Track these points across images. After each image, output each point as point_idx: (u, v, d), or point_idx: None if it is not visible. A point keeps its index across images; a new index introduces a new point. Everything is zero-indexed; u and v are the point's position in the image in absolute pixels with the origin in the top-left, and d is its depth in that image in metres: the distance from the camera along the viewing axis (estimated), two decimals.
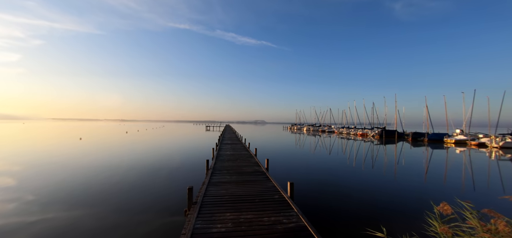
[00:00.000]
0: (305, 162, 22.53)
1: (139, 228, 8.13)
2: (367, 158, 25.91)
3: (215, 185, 9.43)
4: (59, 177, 15.00)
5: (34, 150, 28.02)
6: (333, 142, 46.84)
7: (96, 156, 24.08)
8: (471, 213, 3.42)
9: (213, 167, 13.20)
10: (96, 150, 28.95)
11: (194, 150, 30.65)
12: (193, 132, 77.02)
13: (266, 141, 47.38)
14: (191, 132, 76.79)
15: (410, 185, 14.82)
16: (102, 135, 55.64)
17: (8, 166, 18.67)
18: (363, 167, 20.49)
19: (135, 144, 36.38)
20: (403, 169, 20.28)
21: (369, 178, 16.47)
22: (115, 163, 20.18)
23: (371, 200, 11.55)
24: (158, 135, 60.83)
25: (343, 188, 13.75)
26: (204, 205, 7.22)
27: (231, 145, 24.98)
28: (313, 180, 15.54)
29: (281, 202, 7.50)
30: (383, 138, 59.81)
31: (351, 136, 70.62)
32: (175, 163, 20.47)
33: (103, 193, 11.88)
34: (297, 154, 28.12)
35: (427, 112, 57.20)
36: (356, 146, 40.29)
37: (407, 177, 17.20)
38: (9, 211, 9.45)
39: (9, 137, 44.88)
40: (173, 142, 41.64)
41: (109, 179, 14.80)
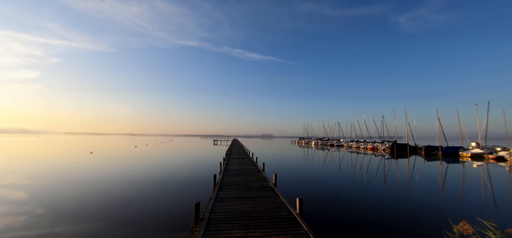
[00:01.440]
0: (314, 177, 22.04)
1: None
2: (378, 173, 25.12)
3: (222, 201, 9.28)
4: (68, 191, 15.19)
5: (46, 163, 28.69)
6: (342, 156, 45.88)
7: (105, 170, 24.38)
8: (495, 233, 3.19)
9: (221, 181, 13.07)
10: (105, 164, 29.36)
11: (202, 164, 30.62)
12: (201, 146, 77.34)
13: (273, 155, 46.92)
14: (199, 146, 77.13)
15: (425, 201, 14.15)
16: (112, 149, 56.63)
17: (21, 179, 19.12)
18: (374, 182, 19.83)
19: (144, 158, 36.75)
20: (417, 184, 19.49)
21: (381, 194, 15.86)
22: (123, 177, 20.34)
23: (384, 217, 11.05)
24: (167, 149, 61.36)
25: (354, 204, 13.27)
26: (210, 221, 7.08)
27: (239, 159, 24.83)
28: (323, 195, 15.10)
29: (290, 219, 7.27)
30: (394, 151, 58.18)
31: (361, 149, 69.09)
32: (183, 178, 20.43)
33: (111, 208, 11.90)
34: (305, 169, 27.60)
35: (440, 125, 55.64)
36: (366, 160, 39.28)
37: (421, 193, 16.47)
38: (18, 224, 9.56)
39: (24, 151, 46.30)
40: (181, 156, 41.83)
41: (117, 193, 14.87)
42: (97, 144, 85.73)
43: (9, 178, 19.71)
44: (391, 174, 24.79)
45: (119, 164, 29.82)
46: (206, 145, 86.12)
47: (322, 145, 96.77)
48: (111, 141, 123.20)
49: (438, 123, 56.05)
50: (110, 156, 39.72)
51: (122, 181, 18.60)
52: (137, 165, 28.57)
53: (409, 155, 51.25)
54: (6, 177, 20.11)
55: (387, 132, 71.43)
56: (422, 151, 54.78)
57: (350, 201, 14.00)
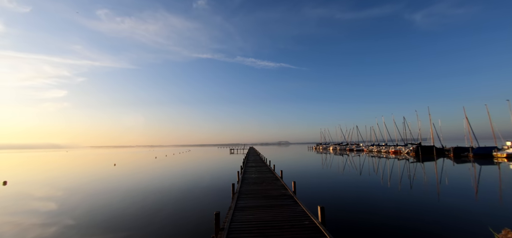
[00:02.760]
0: (334, 184, 21.36)
1: None
2: (403, 177, 23.85)
3: (241, 210, 9.22)
4: (95, 202, 15.87)
5: (74, 176, 30.34)
6: (363, 161, 44.21)
7: (128, 181, 25.29)
8: None
9: (239, 190, 13.03)
10: (128, 175, 30.49)
11: (220, 173, 30.86)
12: (218, 155, 78.21)
13: (291, 162, 46.27)
14: (216, 155, 78.04)
15: (458, 206, 13.14)
16: (133, 161, 58.82)
17: (52, 191, 20.32)
18: (399, 187, 18.82)
19: (164, 169, 37.76)
20: (448, 188, 18.23)
21: (408, 199, 14.97)
22: (146, 187, 20.95)
23: (413, 224, 10.37)
24: (185, 159, 62.70)
25: (379, 210, 12.61)
26: (231, 231, 7.03)
27: (256, 168, 24.72)
28: (345, 203, 14.54)
29: (312, 228, 7.03)
30: (419, 154, 55.16)
31: (383, 153, 66.22)
32: (202, 187, 20.67)
33: (135, 217, 12.24)
34: (324, 175, 26.87)
35: (468, 124, 52.12)
36: (389, 164, 37.52)
37: (453, 197, 15.35)
38: (49, 235, 10.08)
39: (54, 164, 49.42)
40: (199, 165, 42.50)
41: (140, 203, 15.30)
42: (120, 156, 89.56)
43: (42, 190, 21.04)
44: (418, 178, 23.43)
45: (141, 175, 30.85)
46: (223, 154, 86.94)
47: (341, 150, 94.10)
48: (132, 153, 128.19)
49: (466, 122, 52.59)
50: (132, 168, 41.26)
51: (145, 192, 19.15)
52: (158, 176, 29.38)
53: (436, 157, 48.32)
54: (39, 190, 21.49)
55: (410, 134, 68.11)
56: (451, 152, 51.48)
57: (375, 207, 13.34)
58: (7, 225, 11.72)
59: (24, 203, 16.40)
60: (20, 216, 13.31)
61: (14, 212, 14.19)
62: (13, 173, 36.46)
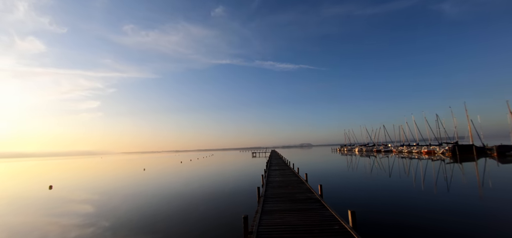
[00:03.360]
0: (362, 187, 20.49)
1: None
2: (439, 179, 22.17)
3: (268, 214, 9.25)
4: (128, 205, 16.89)
5: (108, 180, 32.55)
6: (392, 163, 41.87)
7: (156, 185, 26.55)
8: None
9: (264, 194, 13.07)
10: (157, 179, 32.00)
11: (244, 176, 31.14)
12: (240, 159, 79.02)
13: (315, 164, 45.27)
14: (239, 159, 78.92)
15: (506, 212, 11.90)
16: (161, 165, 61.61)
17: (89, 195, 22.01)
18: (435, 190, 17.54)
19: (189, 173, 39.05)
20: (492, 191, 16.61)
21: (444, 203, 13.89)
22: (173, 191, 21.83)
23: (451, 228, 9.60)
24: (209, 163, 64.25)
25: (412, 214, 11.86)
26: (260, 235, 7.09)
27: (279, 171, 24.59)
28: (375, 206, 13.88)
29: (343, 233, 6.85)
30: (456, 154, 50.90)
31: (414, 154, 62.10)
32: (227, 190, 21.03)
33: (164, 220, 12.82)
34: (351, 178, 25.89)
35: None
36: (422, 165, 35.11)
37: (499, 201, 13.95)
38: (87, 235, 10.93)
39: (90, 170, 53.48)
40: (223, 169, 43.29)
41: (169, 206, 15.98)
42: (148, 161, 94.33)
43: (82, 194, 22.90)
44: (455, 180, 21.64)
45: (168, 179, 32.22)
46: (245, 158, 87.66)
47: (367, 151, 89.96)
48: (159, 158, 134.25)
49: (510, 116, 47.53)
50: (160, 172, 43.23)
51: (173, 195, 19.97)
52: (184, 180, 30.45)
53: (476, 157, 44.22)
54: (80, 193, 23.41)
55: (445, 133, 63.13)
56: (494, 151, 46.88)
57: (407, 211, 12.56)
58: (52, 226, 12.94)
59: (67, 205, 17.99)
60: (64, 217, 14.62)
61: (59, 213, 15.63)
62: (57, 178, 40.09)
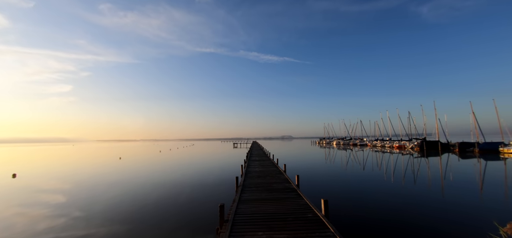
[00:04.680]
0: (338, 178, 21.39)
1: None
2: (407, 172, 23.76)
3: (245, 203, 9.35)
4: (102, 194, 16.21)
5: (81, 169, 30.91)
6: (366, 156, 44.07)
7: (133, 174, 25.70)
8: None
9: (243, 183, 13.17)
10: (133, 169, 30.95)
11: (224, 166, 31.11)
12: (222, 150, 78.69)
13: (294, 156, 46.35)
14: (220, 150, 78.54)
15: (463, 202, 13.10)
16: (139, 155, 59.58)
17: (60, 184, 20.78)
18: (403, 182, 18.79)
19: (168, 162, 38.21)
20: (452, 184, 18.13)
21: (411, 195, 14.96)
22: (149, 181, 21.28)
23: (416, 219, 10.40)
24: (189, 153, 63.27)
25: (382, 205, 12.65)
26: (235, 223, 7.15)
27: (259, 161, 24.87)
28: (348, 197, 14.60)
29: (315, 221, 7.12)
30: (424, 149, 54.72)
31: (387, 148, 65.82)
32: (206, 180, 20.90)
33: (140, 210, 12.49)
34: (328, 170, 26.90)
35: (475, 119, 51.38)
36: (393, 159, 37.36)
37: (458, 193, 15.29)
38: (58, 226, 10.37)
39: (61, 158, 50.35)
40: (203, 159, 42.88)
41: (146, 196, 15.58)
42: (125, 150, 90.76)
43: (50, 183, 21.53)
44: (422, 173, 23.32)
45: (145, 168, 31.29)
46: (226, 148, 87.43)
47: (344, 145, 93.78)
48: (137, 146, 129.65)
49: (472, 116, 51.82)
50: (136, 161, 41.82)
51: (149, 185, 19.46)
52: (162, 169, 29.77)
53: (441, 152, 47.90)
54: (47, 182, 22.00)
55: (415, 129, 67.41)
56: (456, 148, 50.99)
57: (378, 202, 13.37)
58: (18, 216, 12.08)
59: (33, 195, 16.84)
60: (30, 207, 13.69)
61: (24, 203, 14.60)
62: (21, 166, 37.30)
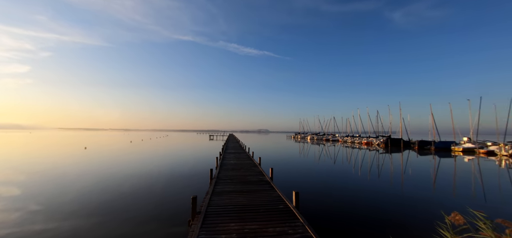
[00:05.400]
0: (310, 171, 22.26)
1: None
2: (372, 167, 25.51)
3: (219, 195, 9.34)
4: (63, 187, 15.05)
5: (39, 159, 28.28)
6: (337, 151, 46.36)
7: (100, 165, 24.18)
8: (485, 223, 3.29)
9: (217, 176, 13.12)
10: (100, 159, 29.11)
11: (198, 159, 30.61)
12: (197, 141, 77.18)
13: (270, 150, 47.13)
14: (195, 141, 76.95)
15: (418, 194, 14.48)
16: (106, 145, 56.06)
17: (15, 175, 18.84)
18: (369, 176, 20.15)
19: (139, 154, 36.53)
20: (410, 178, 19.88)
21: (375, 187, 16.15)
22: (119, 172, 20.22)
23: (378, 210, 11.28)
24: (162, 144, 61.06)
25: (349, 197, 13.49)
26: (208, 215, 7.13)
27: (235, 154, 24.88)
28: (318, 189, 15.31)
29: (286, 212, 7.37)
30: (388, 146, 59.00)
31: (356, 144, 69.83)
32: (179, 172, 20.42)
33: (107, 203, 11.85)
34: (301, 163, 27.83)
35: (433, 120, 56.50)
36: (361, 154, 39.79)
37: (415, 186, 16.83)
38: (13, 221, 9.46)
39: (17, 147, 45.52)
40: (177, 151, 41.72)
41: (113, 188, 14.80)
42: (91, 139, 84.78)
43: (3, 174, 19.40)
44: (385, 168, 25.21)
45: (114, 159, 29.61)
46: (202, 140, 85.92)
47: (318, 140, 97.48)
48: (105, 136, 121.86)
49: (431, 118, 56.91)
50: (105, 152, 39.36)
51: (118, 176, 18.50)
52: (133, 160, 28.41)
53: (402, 149, 52.06)
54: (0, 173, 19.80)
55: (382, 127, 72.35)
56: (415, 145, 55.67)
57: (345, 194, 14.23)
58: None
59: None
60: None
61: None
62: None
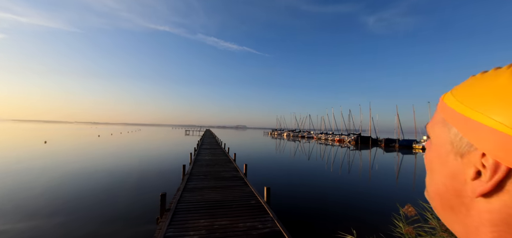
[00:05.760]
0: (284, 167, 22.74)
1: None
2: (343, 163, 26.82)
3: (190, 191, 9.14)
4: (19, 184, 13.64)
5: None
6: (312, 148, 47.96)
7: (62, 161, 22.31)
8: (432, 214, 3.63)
9: (190, 172, 12.83)
10: (63, 154, 26.86)
11: (172, 154, 29.65)
12: (172, 136, 74.71)
13: (246, 146, 47.26)
14: (169, 136, 74.41)
15: (382, 188, 15.55)
16: (70, 139, 51.91)
17: None
18: (340, 172, 21.14)
19: (108, 149, 34.36)
20: (377, 173, 21.27)
21: (345, 182, 17.01)
22: (83, 168, 18.85)
23: (345, 204, 11.91)
24: (134, 138, 58.09)
25: (320, 192, 14.03)
26: (177, 212, 6.94)
27: (210, 150, 24.55)
28: (292, 185, 15.70)
29: (257, 207, 7.44)
30: (358, 143, 62.47)
31: (329, 141, 72.84)
32: (151, 169, 19.62)
33: (70, 202, 10.99)
34: (276, 159, 28.32)
35: (398, 120, 60.88)
36: (333, 151, 41.61)
37: (380, 180, 18.03)
38: None
39: None
40: (150, 146, 39.99)
41: (76, 186, 13.76)
42: (53, 132, 77.93)
43: None
44: (355, 164, 26.66)
45: (79, 154, 27.52)
46: (177, 135, 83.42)
47: (294, 137, 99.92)
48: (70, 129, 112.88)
49: (397, 118, 61.25)
50: (68, 146, 36.42)
51: (82, 173, 17.24)
52: (100, 156, 26.65)
53: (371, 146, 55.48)
54: None
55: (353, 125, 76.35)
56: (382, 143, 59.60)
57: (316, 189, 14.78)
58: None
59: None
60: None
61: None
62: None
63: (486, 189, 0.27)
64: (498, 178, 0.25)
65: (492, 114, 0.25)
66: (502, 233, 0.25)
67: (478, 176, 0.28)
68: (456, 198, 0.31)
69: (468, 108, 0.28)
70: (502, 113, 0.24)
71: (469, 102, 0.29)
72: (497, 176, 0.25)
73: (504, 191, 0.25)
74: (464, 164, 0.29)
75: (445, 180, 0.33)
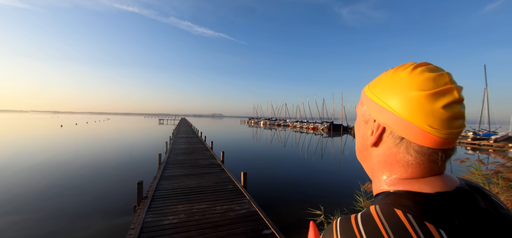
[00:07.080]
0: (261, 154, 23.36)
1: (82, 233, 7.39)
2: (317, 149, 28.25)
3: (167, 179, 9.16)
4: None
5: None
6: (287, 135, 49.45)
7: (18, 154, 20.49)
8: None
9: (167, 160, 12.71)
10: (20, 147, 24.59)
11: (146, 144, 28.65)
12: (145, 126, 71.61)
13: (223, 134, 47.20)
14: (142, 126, 71.25)
15: (351, 170, 16.85)
16: (27, 129, 47.30)
17: None
18: (313, 158, 22.31)
19: (72, 140, 32.06)
20: (346, 157, 22.84)
21: (317, 167, 18.07)
22: (46, 161, 17.56)
23: (317, 186, 12.79)
24: (102, 128, 54.69)
25: (294, 177, 14.82)
26: (155, 199, 6.99)
27: (187, 139, 24.23)
28: (267, 170, 16.31)
29: (234, 191, 7.77)
30: (331, 131, 65.75)
31: (304, 129, 75.54)
32: (123, 160, 18.90)
33: (36, 197, 10.32)
34: (253, 147, 28.87)
35: None
36: (308, 138, 43.40)
37: (349, 164, 19.46)
38: None
39: None
40: (121, 136, 38.08)
41: (41, 180, 12.88)
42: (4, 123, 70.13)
43: None
44: (327, 150, 28.24)
45: (39, 146, 25.37)
46: (150, 124, 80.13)
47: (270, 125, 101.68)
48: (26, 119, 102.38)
49: None
50: (25, 137, 33.25)
51: (46, 166, 16.07)
52: (64, 148, 24.86)
53: (342, 133, 58.79)
54: None
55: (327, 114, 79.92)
56: (352, 130, 63.36)
57: (291, 174, 15.57)
58: None
59: None
60: None
61: None
62: None
63: (373, 140, 0.51)
64: (378, 133, 0.49)
65: (379, 95, 0.50)
66: (383, 167, 0.51)
67: (372, 134, 0.52)
68: (365, 150, 0.57)
69: (371, 93, 0.52)
70: (382, 94, 0.49)
71: (372, 89, 0.53)
72: (377, 132, 0.49)
73: (382, 141, 0.50)
74: (367, 127, 0.54)
75: (360, 139, 0.59)
